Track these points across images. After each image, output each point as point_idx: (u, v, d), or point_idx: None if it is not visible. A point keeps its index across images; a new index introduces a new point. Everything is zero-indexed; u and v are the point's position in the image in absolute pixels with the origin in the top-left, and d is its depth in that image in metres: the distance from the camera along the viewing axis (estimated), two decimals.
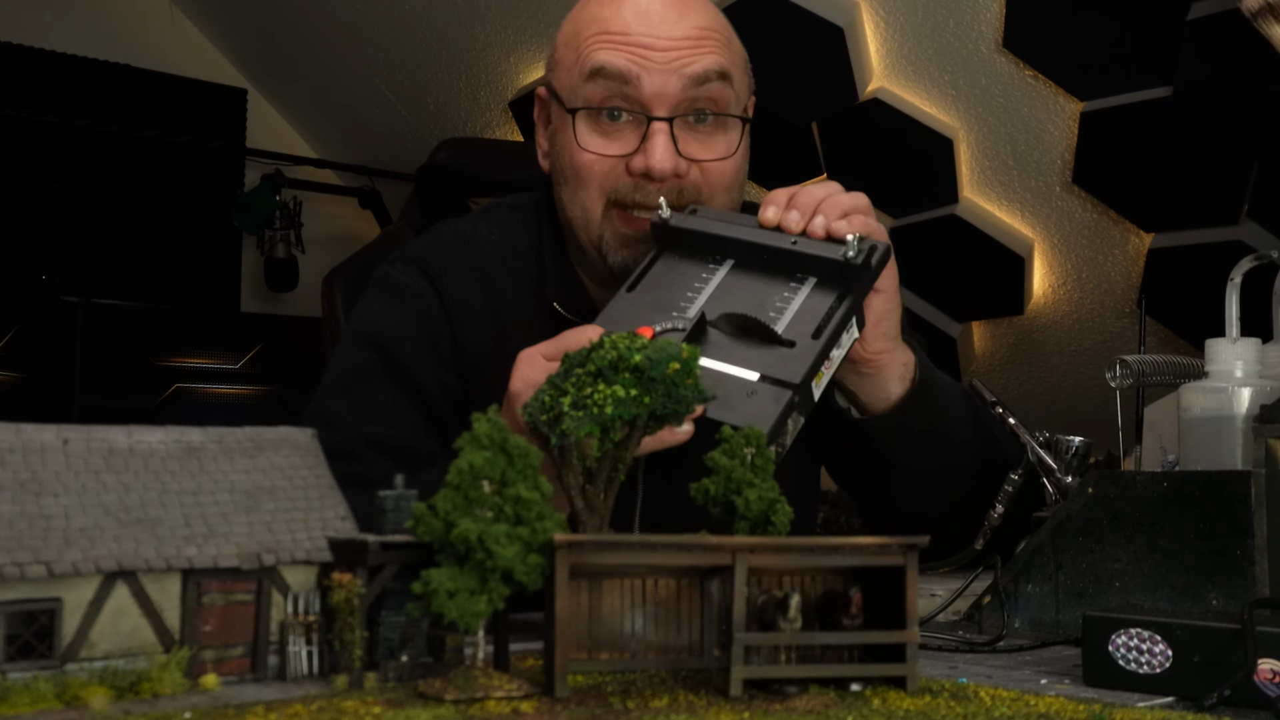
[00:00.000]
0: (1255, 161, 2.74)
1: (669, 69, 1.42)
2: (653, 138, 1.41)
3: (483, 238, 1.58)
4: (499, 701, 0.77)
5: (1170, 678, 0.92)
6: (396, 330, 1.52)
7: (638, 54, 1.42)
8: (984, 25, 2.95)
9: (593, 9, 1.48)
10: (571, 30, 1.49)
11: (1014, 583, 1.24)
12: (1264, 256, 1.30)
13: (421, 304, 1.53)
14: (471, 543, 0.77)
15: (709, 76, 1.43)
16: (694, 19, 1.45)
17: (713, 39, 1.46)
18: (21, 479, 0.77)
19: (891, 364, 1.40)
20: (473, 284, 1.54)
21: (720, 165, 1.46)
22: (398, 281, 1.55)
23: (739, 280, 1.27)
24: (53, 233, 4.22)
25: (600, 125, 1.44)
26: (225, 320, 4.57)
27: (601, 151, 1.44)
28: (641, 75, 1.41)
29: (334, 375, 1.54)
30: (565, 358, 0.90)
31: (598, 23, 1.45)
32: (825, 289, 1.24)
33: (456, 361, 1.52)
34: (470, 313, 1.53)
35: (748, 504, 0.87)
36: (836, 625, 0.85)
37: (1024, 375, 3.53)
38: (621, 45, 1.42)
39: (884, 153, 3.29)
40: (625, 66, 1.42)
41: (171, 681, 0.76)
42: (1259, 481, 0.99)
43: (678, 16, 1.44)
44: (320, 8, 4.28)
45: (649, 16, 1.43)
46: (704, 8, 1.48)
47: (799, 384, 1.15)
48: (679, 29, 1.43)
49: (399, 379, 1.50)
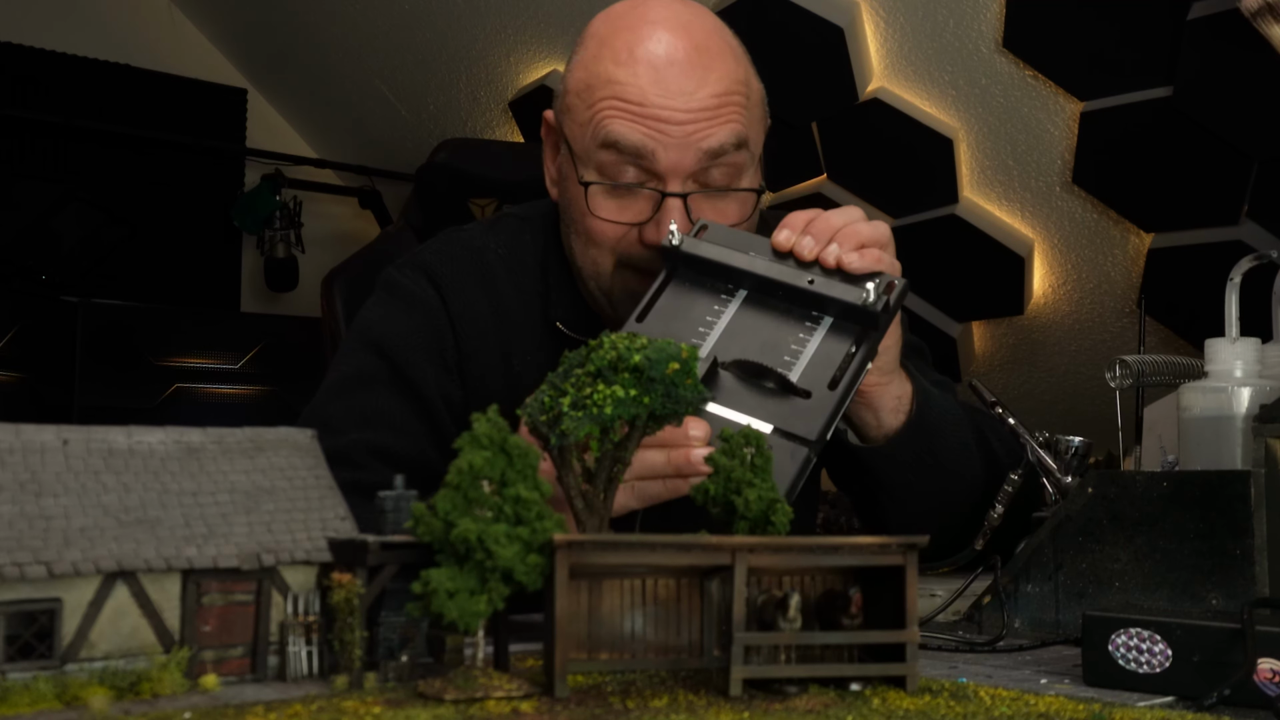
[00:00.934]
0: (1255, 161, 2.74)
1: (686, 144, 1.38)
2: (666, 211, 1.39)
3: (490, 250, 1.57)
4: (499, 701, 0.77)
5: (1170, 677, 0.92)
6: (402, 337, 1.50)
7: (654, 128, 1.37)
8: (984, 25, 2.95)
9: (608, 66, 1.41)
10: (584, 80, 1.44)
11: (1014, 583, 1.24)
12: (1264, 256, 1.30)
13: (428, 312, 1.52)
14: (471, 543, 0.77)
15: (725, 150, 1.40)
16: (713, 84, 1.39)
17: (732, 104, 1.41)
18: (21, 479, 0.77)
19: (885, 396, 1.39)
20: (479, 296, 1.53)
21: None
22: (405, 288, 1.54)
23: (752, 316, 1.24)
24: (53, 233, 4.22)
25: (614, 191, 1.42)
26: (225, 320, 4.57)
27: (614, 219, 1.42)
28: (657, 150, 1.38)
29: (337, 378, 1.53)
30: (564, 358, 0.90)
31: (613, 86, 1.40)
32: (841, 332, 1.21)
33: (460, 372, 1.51)
34: (475, 324, 1.52)
35: (747, 504, 0.87)
36: (836, 625, 0.85)
37: (1024, 375, 3.52)
38: (637, 118, 1.38)
39: (884, 153, 3.29)
40: (640, 142, 1.38)
41: (171, 682, 0.76)
42: (1259, 481, 0.99)
43: (697, 84, 1.39)
44: (320, 8, 4.28)
45: (666, 85, 1.38)
46: (724, 65, 1.42)
47: (815, 440, 1.13)
48: (697, 98, 1.38)
49: (403, 387, 1.49)
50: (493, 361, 1.51)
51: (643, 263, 1.42)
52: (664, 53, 1.39)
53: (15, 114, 4.30)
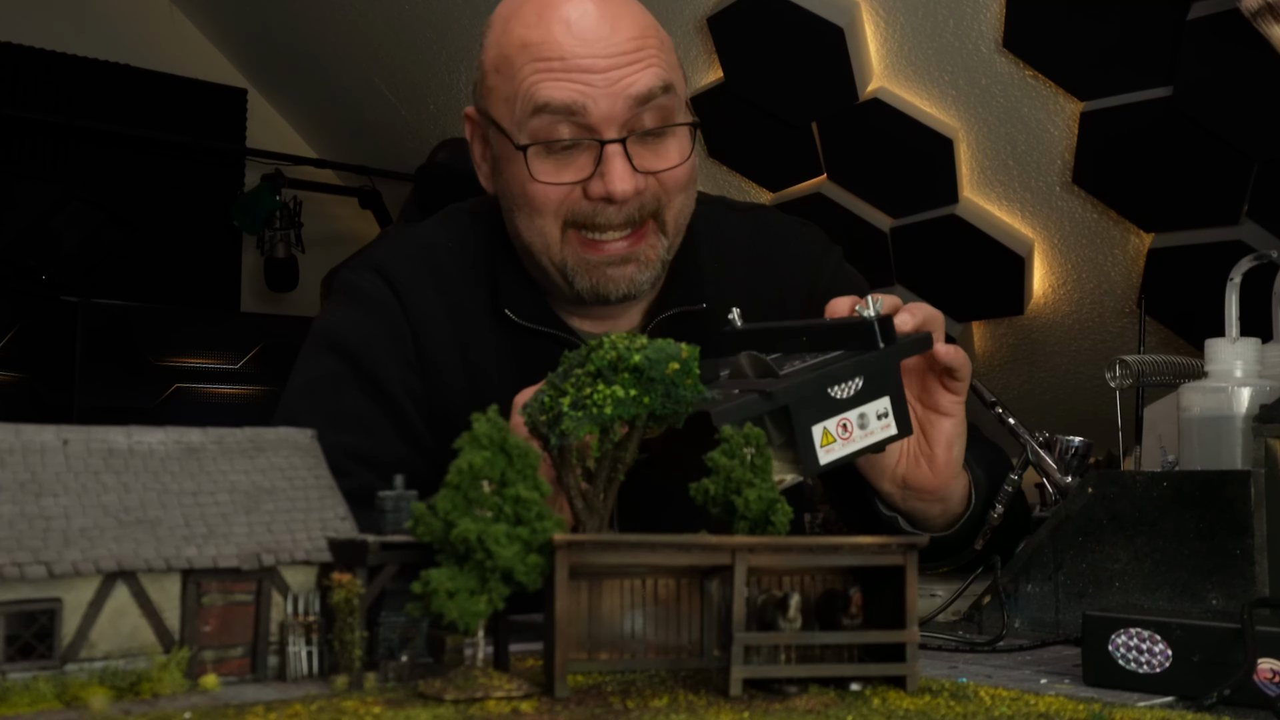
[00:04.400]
0: (1255, 161, 2.74)
1: (613, 92, 1.38)
2: (609, 161, 1.39)
3: (440, 245, 1.56)
4: (499, 701, 0.77)
5: (1170, 677, 0.92)
6: (363, 338, 1.50)
7: (580, 80, 1.38)
8: (984, 25, 2.95)
9: (518, 30, 1.42)
10: (499, 56, 1.44)
11: (1014, 583, 1.24)
12: (1264, 256, 1.30)
13: (385, 311, 1.51)
14: (471, 543, 0.77)
15: (653, 94, 1.40)
16: (626, 28, 1.41)
17: (648, 47, 1.42)
18: (21, 479, 0.77)
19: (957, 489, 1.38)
20: (432, 291, 1.53)
21: (675, 172, 1.44)
22: (361, 289, 1.54)
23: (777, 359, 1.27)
24: (53, 233, 4.22)
25: (551, 154, 1.41)
26: (225, 320, 4.57)
27: (556, 180, 1.41)
28: (588, 104, 1.38)
29: (303, 381, 1.52)
30: (564, 358, 0.90)
31: (529, 49, 1.40)
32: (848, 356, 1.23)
33: (421, 367, 1.51)
34: (431, 320, 1.51)
35: (747, 504, 0.87)
36: (836, 625, 0.85)
37: (1024, 375, 3.53)
38: (561, 74, 1.38)
39: (884, 153, 3.29)
40: (570, 98, 1.38)
41: (171, 682, 0.76)
42: (1259, 481, 0.99)
43: (610, 29, 1.40)
44: (320, 8, 4.28)
45: (582, 35, 1.39)
46: (630, 11, 1.43)
47: (771, 394, 1.14)
48: (614, 43, 1.39)
49: (369, 387, 1.49)
50: (450, 355, 1.51)
51: (588, 220, 1.42)
52: (571, 8, 1.41)
53: (15, 114, 4.31)
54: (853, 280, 1.61)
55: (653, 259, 1.45)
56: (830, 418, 1.17)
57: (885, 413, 1.22)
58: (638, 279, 1.45)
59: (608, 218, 1.41)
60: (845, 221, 3.42)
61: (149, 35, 4.75)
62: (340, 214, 5.02)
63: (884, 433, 1.21)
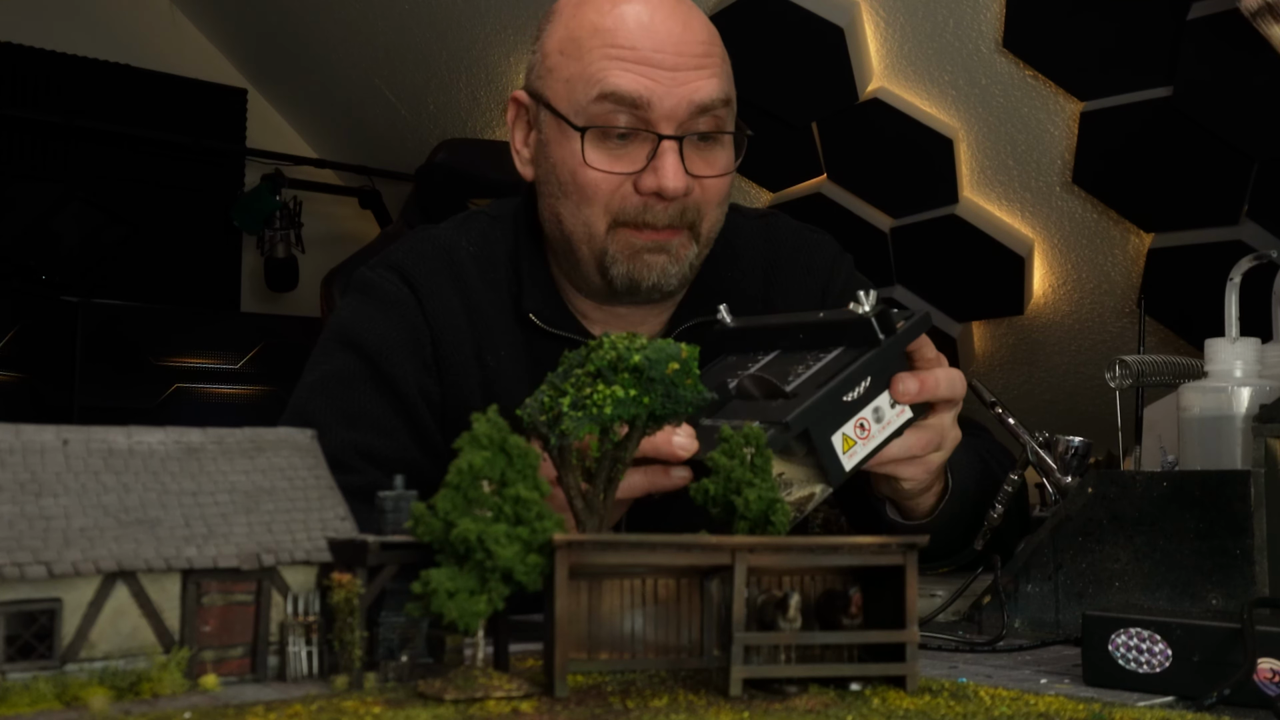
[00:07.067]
0: (1255, 161, 2.74)
1: (679, 92, 1.41)
2: (663, 156, 1.41)
3: (461, 248, 1.56)
4: (499, 701, 0.77)
5: (1170, 677, 0.92)
6: (381, 337, 1.50)
7: (648, 74, 1.40)
8: (984, 25, 2.95)
9: (591, 16, 1.44)
10: (566, 38, 1.46)
11: (1014, 583, 1.24)
12: (1263, 256, 1.30)
13: (404, 311, 1.51)
14: (471, 543, 0.77)
15: (714, 104, 1.43)
16: (696, 31, 1.44)
17: (714, 55, 1.45)
18: (21, 479, 0.77)
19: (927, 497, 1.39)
20: (452, 294, 1.53)
21: (718, 181, 1.46)
22: (380, 288, 1.53)
23: (775, 361, 1.28)
24: (53, 233, 4.22)
25: (607, 143, 1.43)
26: (225, 320, 4.57)
27: (609, 169, 1.42)
28: (653, 99, 1.40)
29: (317, 377, 1.52)
30: (564, 358, 0.90)
31: (601, 35, 1.42)
32: (850, 353, 1.23)
33: (437, 370, 1.51)
34: (450, 322, 1.51)
35: (747, 504, 0.87)
36: (836, 625, 0.85)
37: (1024, 375, 3.53)
38: (632, 64, 1.41)
39: (884, 153, 3.29)
40: (637, 90, 1.40)
41: (171, 682, 0.76)
42: (1258, 481, 0.99)
43: (682, 29, 1.43)
44: (320, 8, 4.28)
45: (654, 30, 1.42)
46: (699, 16, 1.47)
47: (787, 423, 1.14)
48: (685, 43, 1.42)
49: (384, 386, 1.49)
50: (467, 359, 1.51)
51: (635, 218, 1.43)
52: (645, 3, 1.44)
53: (15, 114, 4.30)
54: (863, 288, 1.62)
55: (684, 257, 1.46)
56: (846, 422, 1.17)
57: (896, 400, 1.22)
58: (669, 270, 1.46)
59: (654, 215, 1.43)
60: (845, 221, 3.42)
61: (149, 35, 4.74)
62: (340, 214, 5.02)
63: (900, 419, 1.21)
